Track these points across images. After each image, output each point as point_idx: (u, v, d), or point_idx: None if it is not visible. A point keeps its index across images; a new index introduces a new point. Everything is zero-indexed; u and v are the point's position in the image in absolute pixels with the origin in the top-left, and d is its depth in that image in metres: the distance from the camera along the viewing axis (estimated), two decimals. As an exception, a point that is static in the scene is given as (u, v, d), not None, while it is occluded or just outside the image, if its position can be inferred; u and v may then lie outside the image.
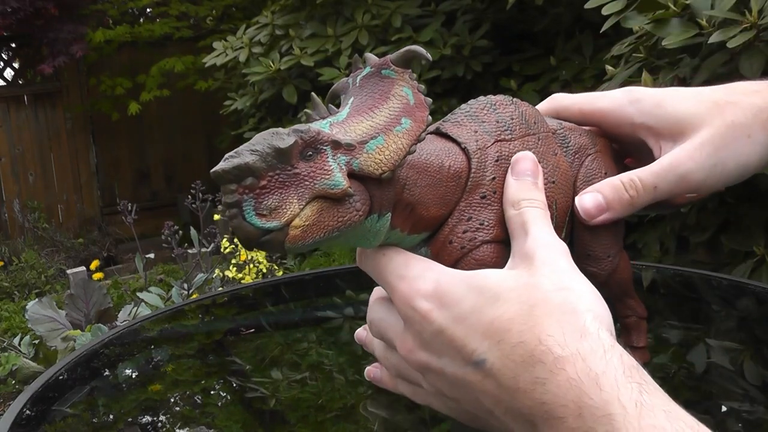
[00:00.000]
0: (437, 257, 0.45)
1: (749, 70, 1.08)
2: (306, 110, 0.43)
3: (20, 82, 4.85)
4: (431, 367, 0.43)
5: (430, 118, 0.43)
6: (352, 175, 0.40)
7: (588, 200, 0.48)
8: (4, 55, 4.79)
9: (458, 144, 0.46)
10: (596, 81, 1.88)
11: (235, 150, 0.38)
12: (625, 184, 0.49)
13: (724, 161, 0.50)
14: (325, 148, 0.39)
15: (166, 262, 4.01)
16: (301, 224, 0.38)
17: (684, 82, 1.25)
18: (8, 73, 4.81)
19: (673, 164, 0.49)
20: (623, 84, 1.31)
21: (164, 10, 4.92)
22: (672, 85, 1.25)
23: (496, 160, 0.46)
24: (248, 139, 0.40)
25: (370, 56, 0.45)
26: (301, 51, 2.85)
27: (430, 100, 0.43)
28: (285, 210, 0.38)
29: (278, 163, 0.38)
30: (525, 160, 0.45)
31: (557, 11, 2.47)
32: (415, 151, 0.42)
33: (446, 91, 2.68)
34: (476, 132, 0.46)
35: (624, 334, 0.55)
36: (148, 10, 5.25)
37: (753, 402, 0.57)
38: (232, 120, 3.87)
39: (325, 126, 0.41)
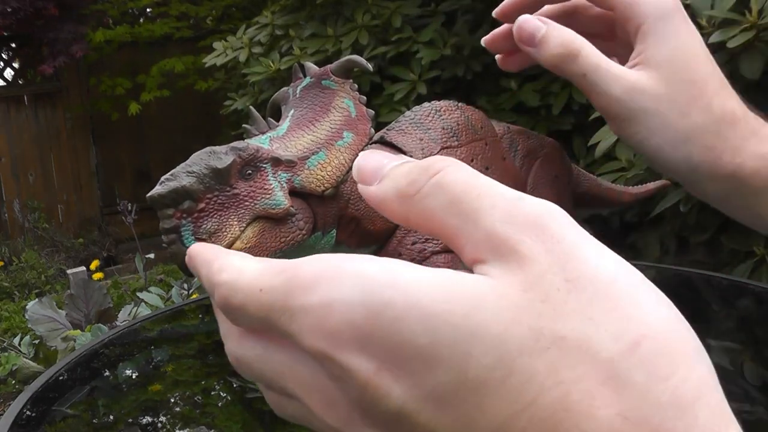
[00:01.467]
0: None
1: (749, 70, 1.08)
2: (245, 125, 0.42)
3: (20, 82, 4.85)
4: None
5: (372, 130, 0.42)
6: (293, 192, 0.38)
7: (530, 24, 0.45)
8: (4, 55, 4.79)
9: (403, 153, 0.45)
10: (596, 81, 1.88)
11: (170, 172, 0.37)
12: (570, 45, 0.45)
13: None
14: (264, 165, 0.37)
15: (166, 262, 4.01)
16: (242, 247, 0.37)
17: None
18: (8, 73, 4.82)
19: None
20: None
21: (164, 10, 4.92)
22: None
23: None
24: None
25: (310, 66, 0.43)
26: (301, 51, 2.85)
27: (372, 112, 0.42)
28: (225, 233, 0.36)
29: (216, 184, 0.36)
30: (367, 161, 0.28)
31: (557, 11, 2.47)
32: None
33: (446, 91, 2.68)
34: (422, 140, 0.45)
35: None
36: (148, 10, 5.25)
37: (753, 402, 0.57)
38: (232, 120, 3.87)
39: (265, 141, 0.39)
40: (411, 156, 0.44)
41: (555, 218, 0.23)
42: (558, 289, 0.21)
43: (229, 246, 0.36)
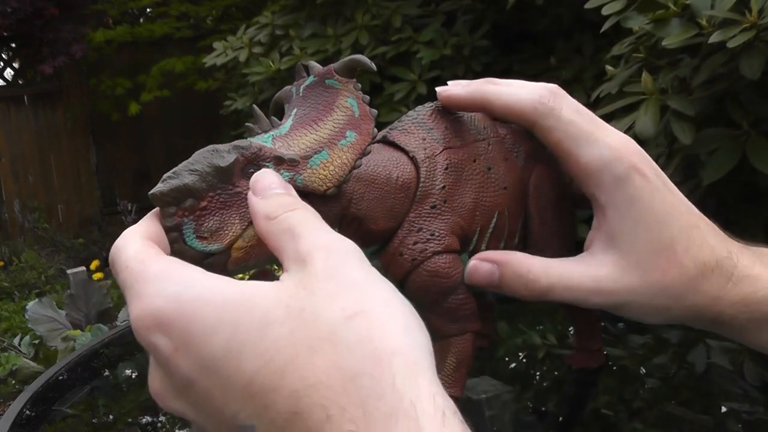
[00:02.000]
0: (387, 270, 0.43)
1: (749, 70, 1.08)
2: (247, 124, 0.42)
3: (20, 82, 4.85)
4: (193, 420, 0.32)
5: (375, 130, 0.41)
6: (296, 191, 0.37)
7: (483, 270, 0.44)
8: (4, 55, 4.80)
9: (406, 153, 0.44)
10: (596, 81, 1.88)
11: (173, 170, 0.37)
12: (527, 276, 0.44)
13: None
14: (267, 164, 0.38)
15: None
16: (243, 246, 0.37)
17: (684, 82, 1.25)
18: (8, 73, 4.82)
19: (589, 284, 0.43)
20: (623, 84, 1.31)
21: (164, 11, 4.92)
22: (672, 85, 1.24)
23: (446, 169, 0.44)
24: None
25: (313, 65, 0.43)
26: (301, 51, 2.85)
27: (375, 111, 0.42)
28: (227, 232, 0.36)
29: (219, 183, 0.36)
30: (263, 177, 0.36)
31: (557, 11, 2.47)
32: (360, 165, 0.41)
33: (446, 91, 2.67)
34: (424, 140, 0.45)
35: (577, 336, 0.55)
36: (148, 10, 5.26)
37: (753, 402, 0.57)
38: (232, 120, 3.87)
39: (268, 140, 0.39)
40: (414, 156, 0.44)
41: (349, 248, 0.32)
42: (318, 282, 0.30)
43: (231, 245, 0.36)
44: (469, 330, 0.45)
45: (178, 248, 0.36)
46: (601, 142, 0.42)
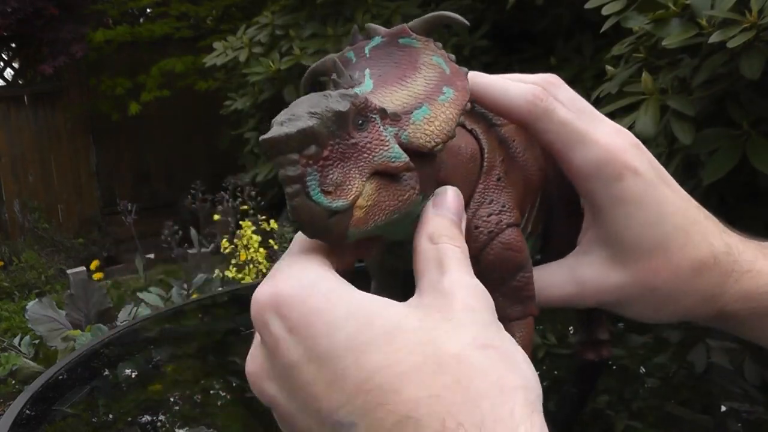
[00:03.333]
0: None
1: (749, 70, 1.08)
2: (333, 77, 0.37)
3: (20, 82, 4.85)
4: (280, 407, 0.32)
5: (470, 87, 0.38)
6: (402, 150, 0.34)
7: None
8: (4, 55, 4.80)
9: (463, 126, 0.41)
10: (596, 81, 1.88)
11: (287, 113, 0.32)
12: None
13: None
14: (374, 116, 0.33)
15: (166, 262, 4.01)
16: (364, 205, 0.32)
17: (684, 82, 1.25)
18: (8, 73, 4.82)
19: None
20: (623, 84, 1.31)
21: (164, 11, 4.92)
22: (672, 85, 1.25)
23: (500, 143, 0.42)
24: (248, 139, 0.36)
25: (375, 27, 0.40)
26: (301, 51, 2.85)
27: (466, 69, 0.38)
28: (350, 187, 0.32)
29: (338, 130, 0.32)
30: (450, 194, 0.37)
31: (557, 11, 2.47)
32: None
33: (446, 91, 2.67)
34: (472, 116, 0.42)
35: (587, 328, 0.55)
36: (148, 10, 5.26)
37: (753, 402, 0.57)
38: (232, 120, 3.87)
39: None
40: (472, 128, 0.42)
41: (487, 296, 0.33)
42: (455, 312, 0.31)
43: (354, 203, 0.32)
44: (530, 313, 0.42)
45: (300, 203, 0.31)
46: (593, 143, 0.41)
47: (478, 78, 0.42)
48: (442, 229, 0.35)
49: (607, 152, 0.41)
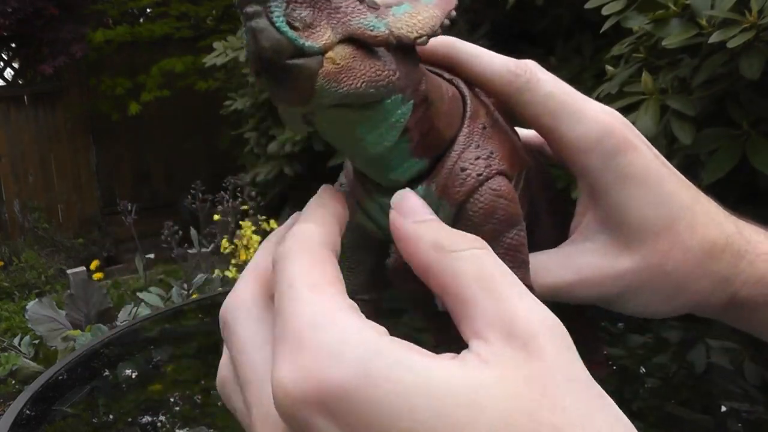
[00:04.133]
0: (445, 192, 0.34)
1: (749, 70, 1.08)
2: None
3: (20, 82, 4.86)
4: None
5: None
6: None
7: None
8: (4, 55, 4.80)
9: (442, 76, 0.38)
10: (596, 81, 1.88)
11: None
12: None
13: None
14: None
15: (166, 262, 4.01)
16: (338, 61, 0.28)
17: (684, 82, 1.25)
18: (8, 73, 4.82)
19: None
20: (623, 84, 1.31)
21: (164, 10, 4.92)
22: (672, 85, 1.25)
23: (481, 102, 0.38)
24: (248, 139, 0.35)
25: None
26: (301, 51, 2.84)
27: None
28: (321, 33, 0.28)
29: None
30: (409, 198, 0.30)
31: (557, 11, 2.47)
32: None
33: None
34: (452, 78, 0.39)
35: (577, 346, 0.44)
36: (148, 10, 5.26)
37: (753, 402, 0.57)
38: (232, 120, 3.87)
39: None
40: (451, 78, 0.38)
41: (565, 331, 0.25)
42: (558, 386, 0.23)
43: (325, 51, 0.28)
44: (526, 284, 0.38)
45: (260, 26, 0.27)
46: (586, 116, 0.37)
47: (458, 44, 0.38)
48: (448, 235, 0.28)
49: (605, 125, 0.37)
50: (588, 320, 0.48)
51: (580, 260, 0.38)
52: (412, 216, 0.29)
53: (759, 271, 0.38)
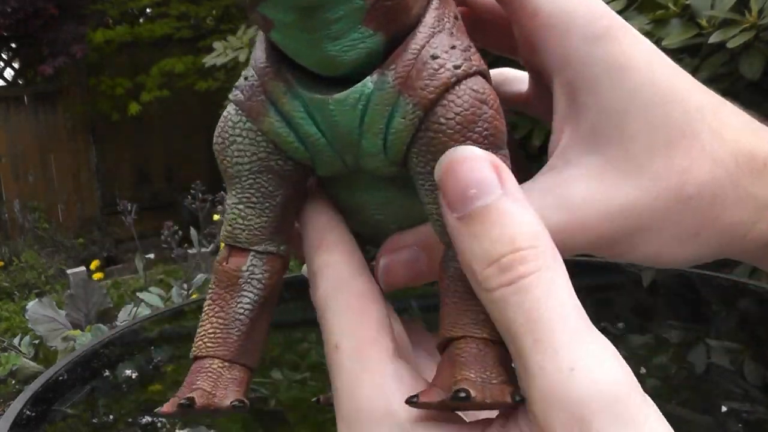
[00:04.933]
0: (407, 85, 0.23)
1: (749, 70, 1.08)
2: None
3: (20, 82, 4.86)
4: None
5: None
6: None
7: (401, 261, 0.28)
8: (4, 55, 4.80)
9: None
10: (596, 81, 1.88)
11: None
12: None
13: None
14: None
15: (166, 262, 4.01)
16: None
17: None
18: (8, 73, 4.82)
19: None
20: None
21: (164, 11, 4.92)
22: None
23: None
24: None
25: None
26: (301, 51, 2.85)
27: None
28: None
29: None
30: (467, 167, 0.21)
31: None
32: None
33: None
34: None
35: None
36: (148, 10, 5.26)
37: (753, 402, 0.57)
38: (232, 120, 3.86)
39: None
40: None
41: (635, 399, 0.20)
42: None
43: None
44: None
45: None
46: None
47: None
48: (504, 243, 0.20)
49: (588, 3, 0.27)
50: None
51: (568, 193, 0.26)
52: (462, 204, 0.21)
53: None
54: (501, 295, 0.20)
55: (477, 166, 0.21)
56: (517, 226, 0.20)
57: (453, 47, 0.24)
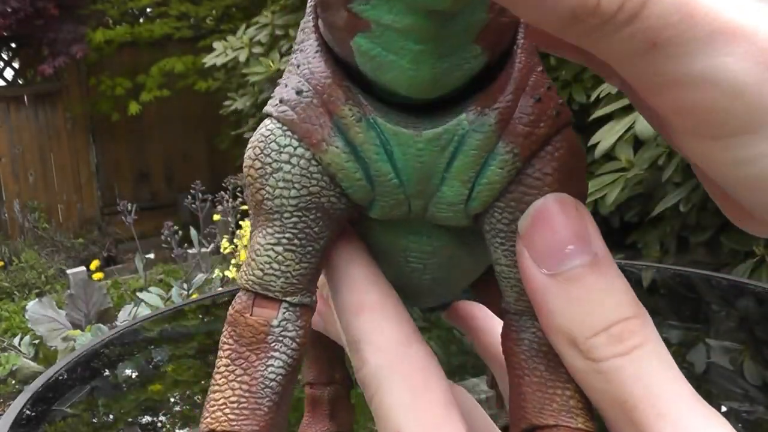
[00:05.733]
0: (511, 129, 0.20)
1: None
2: None
3: (20, 82, 4.85)
4: None
5: None
6: None
7: None
8: (4, 55, 4.80)
9: None
10: (596, 81, 1.88)
11: None
12: None
13: None
14: None
15: (166, 262, 4.01)
16: None
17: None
18: (8, 73, 4.82)
19: None
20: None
21: (164, 11, 4.92)
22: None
23: None
24: (248, 139, 0.27)
25: None
26: (301, 51, 2.84)
27: None
28: None
29: None
30: (567, 212, 0.19)
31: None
32: None
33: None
34: None
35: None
36: (148, 10, 5.25)
37: (753, 402, 0.57)
38: (232, 120, 3.87)
39: None
40: None
41: None
42: None
43: None
44: None
45: None
46: None
47: None
48: (600, 325, 0.18)
49: None
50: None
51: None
52: (554, 261, 0.18)
53: None
54: (614, 366, 0.18)
55: (574, 220, 0.19)
56: (620, 293, 0.18)
57: (549, 88, 0.21)
